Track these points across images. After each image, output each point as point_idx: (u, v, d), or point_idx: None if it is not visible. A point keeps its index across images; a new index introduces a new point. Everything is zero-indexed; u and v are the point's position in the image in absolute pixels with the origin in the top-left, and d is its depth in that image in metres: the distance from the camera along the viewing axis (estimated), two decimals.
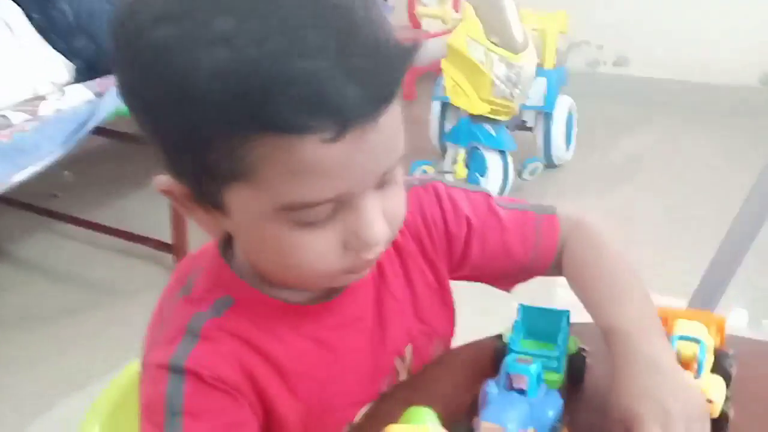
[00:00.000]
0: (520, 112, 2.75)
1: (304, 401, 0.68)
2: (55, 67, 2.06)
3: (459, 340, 0.83)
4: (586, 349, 0.74)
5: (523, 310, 0.75)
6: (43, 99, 1.92)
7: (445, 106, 2.88)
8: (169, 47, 0.53)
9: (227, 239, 0.69)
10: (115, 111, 1.91)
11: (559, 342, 0.71)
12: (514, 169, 2.65)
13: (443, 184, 0.78)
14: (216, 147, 0.54)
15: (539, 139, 2.89)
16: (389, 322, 0.74)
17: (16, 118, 1.82)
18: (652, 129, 3.34)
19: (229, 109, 0.52)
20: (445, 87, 2.59)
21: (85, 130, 1.88)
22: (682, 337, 0.69)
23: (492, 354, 0.75)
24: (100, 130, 2.02)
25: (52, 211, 2.53)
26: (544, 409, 0.64)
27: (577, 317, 0.74)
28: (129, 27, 0.56)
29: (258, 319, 0.66)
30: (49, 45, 2.09)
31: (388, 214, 0.61)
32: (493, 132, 2.56)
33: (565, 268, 0.78)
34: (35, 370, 1.90)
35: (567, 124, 2.91)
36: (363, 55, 0.53)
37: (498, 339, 0.76)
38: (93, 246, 2.44)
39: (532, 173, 2.77)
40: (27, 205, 2.52)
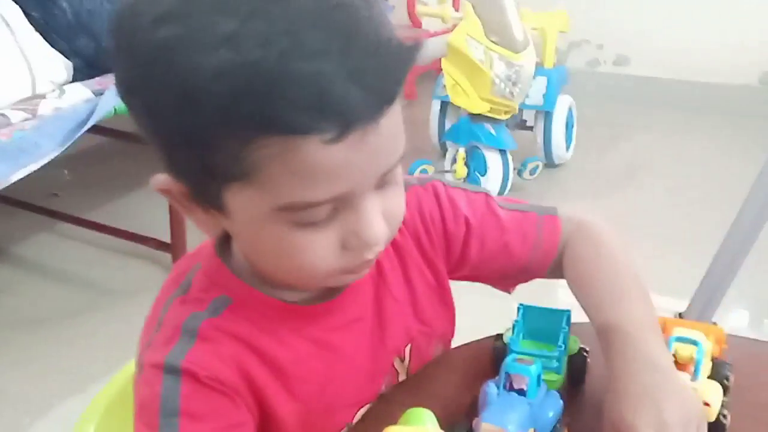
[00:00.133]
0: (520, 111, 2.75)
1: (302, 402, 0.68)
2: (54, 65, 2.05)
3: (459, 340, 0.83)
4: (587, 349, 0.74)
5: (523, 309, 0.74)
6: (42, 98, 1.92)
7: (445, 105, 2.88)
8: (172, 47, 0.53)
9: (225, 238, 0.69)
10: (114, 109, 1.91)
11: (559, 342, 0.71)
12: (514, 169, 2.64)
13: (443, 183, 0.78)
14: (217, 147, 0.54)
15: (539, 138, 2.89)
16: (389, 322, 0.74)
17: (16, 116, 1.82)
18: (652, 128, 3.33)
19: (231, 109, 0.52)
20: (445, 86, 2.59)
21: (85, 129, 1.88)
22: (679, 339, 0.69)
23: (492, 354, 0.75)
24: (99, 129, 2.01)
25: (52, 210, 2.53)
26: (544, 410, 0.64)
27: (577, 317, 0.74)
28: (130, 26, 0.56)
29: (256, 319, 0.66)
30: (49, 44, 2.08)
31: (387, 214, 0.61)
32: (493, 131, 2.56)
33: (565, 267, 0.78)
34: (34, 370, 1.89)
35: (567, 123, 2.91)
36: (365, 56, 0.53)
37: (498, 339, 0.76)
38: (92, 245, 2.43)
39: (532, 172, 2.77)
40: (26, 204, 2.52)
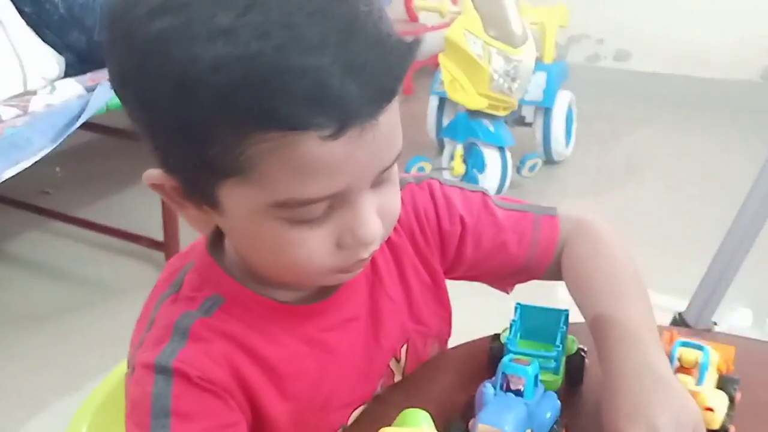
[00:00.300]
0: (519, 107, 2.74)
1: (295, 402, 0.67)
2: (46, 61, 2.04)
3: (455, 340, 0.82)
4: (585, 349, 0.73)
5: (520, 309, 0.74)
6: (33, 94, 1.90)
7: (442, 100, 2.87)
8: (168, 38, 0.52)
9: (217, 236, 0.68)
10: (106, 105, 1.90)
11: (557, 342, 0.70)
12: (513, 165, 2.63)
13: (438, 181, 0.78)
14: (213, 141, 0.53)
15: (538, 134, 2.88)
16: (384, 322, 0.73)
17: (7, 113, 1.81)
18: (653, 124, 3.33)
19: (228, 102, 0.51)
20: (442, 81, 2.58)
21: (76, 125, 1.87)
22: (684, 343, 0.68)
23: (489, 354, 0.74)
24: (91, 126, 2.01)
25: (44, 208, 2.52)
26: (541, 411, 0.64)
27: (575, 317, 0.73)
28: (125, 18, 0.55)
29: (248, 318, 0.65)
30: (40, 38, 2.07)
31: (382, 212, 0.60)
32: (491, 127, 2.55)
33: (563, 267, 0.77)
34: (27, 367, 1.89)
35: (567, 119, 2.90)
36: (364, 51, 0.53)
37: (495, 339, 0.75)
38: (84, 243, 2.43)
39: (531, 169, 2.76)
40: (18, 202, 2.51)
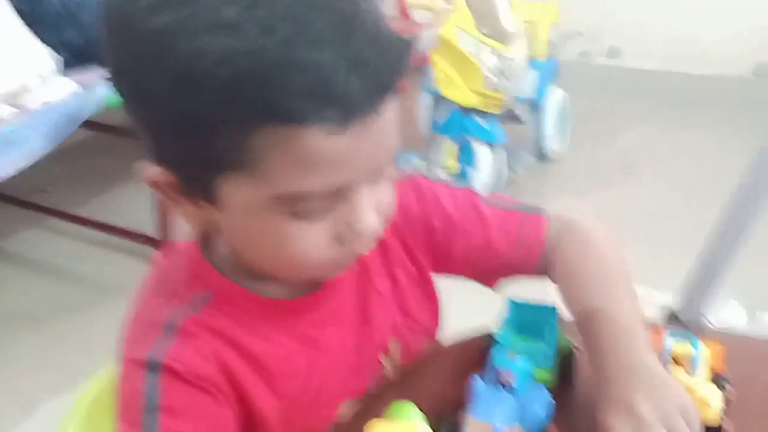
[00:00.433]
0: (512, 104, 2.74)
1: (285, 397, 0.67)
2: (42, 58, 2.03)
3: (447, 335, 0.82)
4: (576, 345, 0.73)
5: (512, 305, 0.74)
6: (30, 91, 1.90)
7: (435, 97, 2.86)
8: (171, 33, 0.52)
9: (206, 233, 0.68)
10: (103, 103, 1.89)
11: (548, 338, 0.71)
12: (505, 162, 2.63)
13: (426, 178, 0.78)
14: (216, 136, 0.54)
15: (530, 131, 2.88)
16: (373, 317, 0.73)
17: (3, 111, 1.80)
18: (646, 121, 3.33)
19: (233, 97, 0.51)
20: (435, 78, 2.58)
21: (75, 124, 1.86)
22: (674, 333, 0.68)
23: (480, 349, 0.74)
24: (88, 123, 1.99)
25: (41, 205, 2.51)
26: (531, 406, 0.64)
27: (567, 313, 0.73)
28: (125, 12, 0.55)
29: (237, 314, 0.66)
30: (37, 36, 2.06)
31: (379, 207, 0.61)
32: (483, 124, 2.55)
33: (554, 267, 0.77)
34: (24, 366, 1.88)
35: (559, 116, 2.90)
36: (366, 47, 0.53)
37: (486, 334, 0.75)
38: (82, 241, 2.41)
39: (523, 166, 2.76)
40: (15, 199, 2.50)
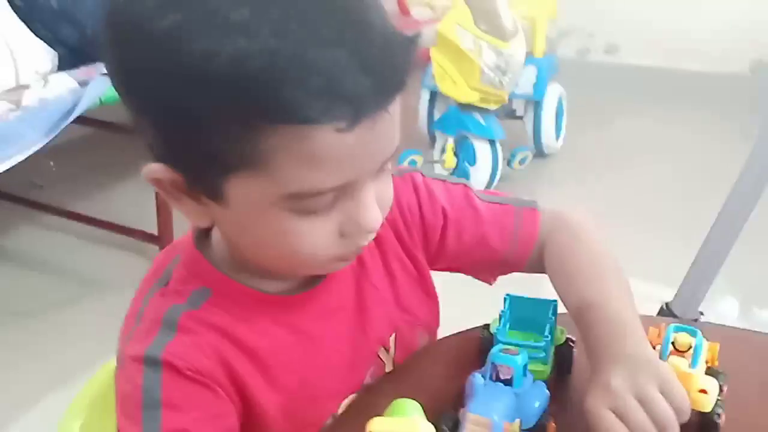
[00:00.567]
0: (510, 100, 2.74)
1: (284, 392, 0.68)
2: (38, 55, 2.02)
3: (445, 331, 0.83)
4: (574, 339, 0.73)
5: (509, 300, 0.74)
6: (26, 88, 1.89)
7: (433, 94, 2.86)
8: (182, 33, 0.52)
9: (203, 230, 0.68)
10: (99, 100, 1.89)
11: (546, 332, 0.71)
12: (504, 158, 2.64)
13: (421, 174, 0.79)
14: (227, 135, 0.54)
15: (529, 127, 2.88)
16: (370, 311, 0.74)
17: (0, 107, 1.80)
18: (643, 117, 3.33)
19: (245, 98, 0.52)
20: (433, 75, 2.58)
21: (70, 119, 1.86)
22: (677, 328, 0.68)
23: (478, 345, 0.75)
24: (84, 120, 1.99)
25: (36, 202, 2.51)
26: (530, 401, 0.64)
27: (564, 307, 0.73)
28: (132, 12, 0.55)
29: (236, 310, 0.66)
30: (32, 32, 2.06)
31: (379, 201, 0.62)
32: (482, 121, 2.55)
33: (545, 260, 0.78)
34: (19, 363, 1.88)
35: (557, 112, 2.91)
36: (376, 46, 0.54)
37: (484, 329, 0.75)
38: (77, 237, 2.41)
39: (521, 162, 2.76)
40: (9, 195, 2.50)
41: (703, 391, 0.64)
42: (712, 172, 2.62)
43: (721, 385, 0.67)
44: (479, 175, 2.53)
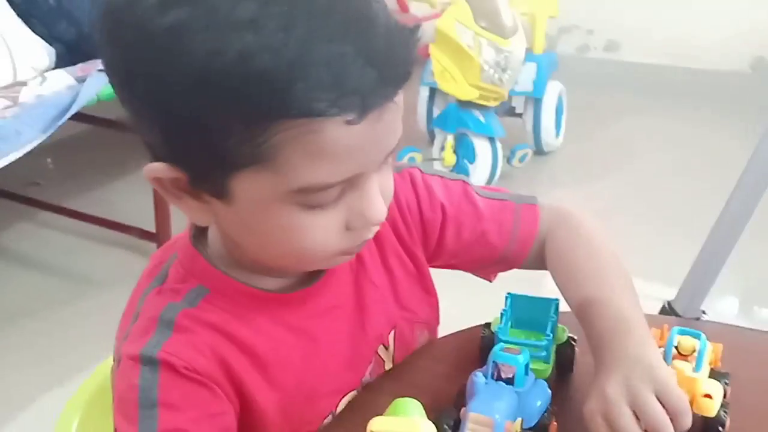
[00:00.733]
0: (509, 97, 2.74)
1: (282, 390, 0.67)
2: (36, 51, 2.02)
3: (446, 330, 0.82)
4: (575, 338, 0.73)
5: (511, 298, 0.74)
6: (24, 85, 1.89)
7: (433, 91, 2.86)
8: (187, 30, 0.52)
9: (199, 228, 0.68)
10: (97, 97, 1.89)
11: (547, 331, 0.71)
12: (503, 156, 2.63)
13: (419, 170, 0.78)
14: (234, 132, 0.53)
15: (528, 125, 2.88)
16: (369, 309, 0.73)
17: None
18: (642, 114, 3.33)
19: (252, 93, 0.51)
20: (433, 72, 2.57)
21: (67, 116, 1.86)
22: (681, 331, 0.68)
23: (480, 343, 0.75)
24: (82, 117, 1.99)
25: (34, 199, 2.50)
26: (532, 400, 0.64)
27: (565, 306, 0.73)
28: (132, 10, 0.54)
29: (233, 308, 0.65)
30: (30, 29, 2.05)
31: (382, 193, 0.62)
32: (481, 118, 2.54)
33: (546, 257, 0.78)
34: (16, 361, 1.87)
35: (557, 109, 2.90)
36: (381, 38, 0.54)
37: (486, 328, 0.75)
38: (75, 235, 2.41)
39: (521, 160, 2.76)
40: (8, 193, 2.49)
41: (708, 396, 0.63)
42: (713, 170, 2.63)
43: (725, 388, 0.67)
44: (479, 172, 2.52)
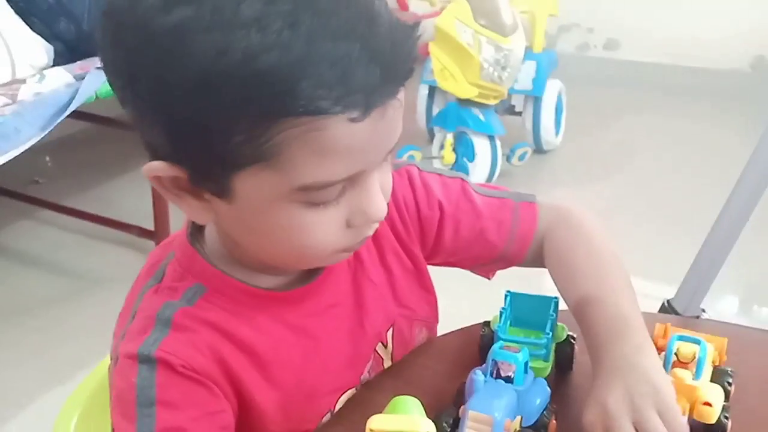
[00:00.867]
0: (509, 96, 2.73)
1: (281, 389, 0.67)
2: (34, 49, 2.02)
3: (446, 328, 0.82)
4: (575, 336, 0.73)
5: (510, 297, 0.74)
6: (22, 82, 1.89)
7: (432, 89, 2.86)
8: (191, 29, 0.51)
9: (197, 226, 0.68)
10: (95, 94, 1.89)
11: (546, 329, 0.71)
12: (503, 154, 2.63)
13: (417, 168, 0.78)
14: (238, 130, 0.53)
15: (528, 123, 2.87)
16: (368, 306, 0.73)
17: None
18: (642, 113, 3.33)
19: (258, 92, 0.51)
20: (432, 70, 2.57)
21: (66, 114, 1.85)
22: (681, 337, 0.68)
23: (479, 342, 0.74)
24: (81, 114, 1.99)
25: (33, 197, 2.50)
26: (531, 398, 0.64)
27: (565, 304, 0.73)
28: (134, 9, 0.54)
29: (232, 306, 0.65)
30: (29, 27, 2.05)
31: (382, 190, 0.62)
32: (481, 116, 2.54)
33: (545, 255, 0.77)
34: (15, 361, 1.87)
35: (556, 108, 2.90)
36: (384, 36, 0.54)
37: (485, 326, 0.75)
38: (74, 233, 2.41)
39: (520, 158, 2.76)
40: (7, 191, 2.49)
41: (708, 404, 0.63)
42: (712, 169, 2.63)
43: (728, 388, 0.66)
44: (478, 171, 2.52)
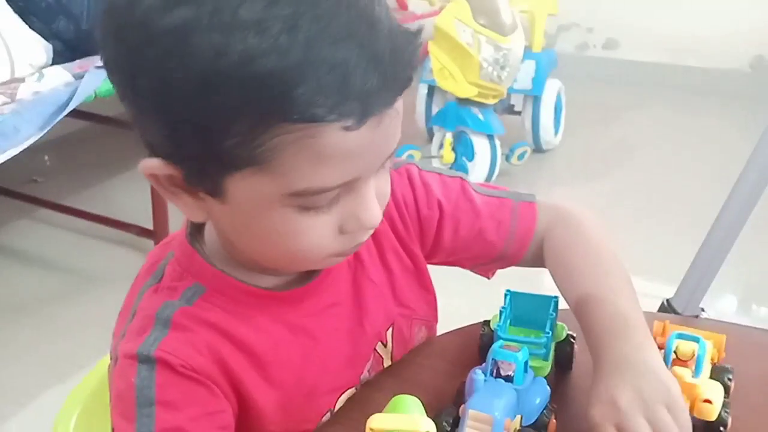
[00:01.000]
0: (508, 95, 2.74)
1: (281, 388, 0.67)
2: (33, 48, 2.02)
3: (445, 327, 0.82)
4: (574, 335, 0.73)
5: (510, 296, 0.74)
6: (21, 81, 1.88)
7: (431, 89, 2.86)
8: (191, 30, 0.51)
9: (196, 226, 0.68)
10: (94, 93, 1.89)
11: (546, 329, 0.71)
12: (502, 154, 2.63)
13: (417, 167, 0.78)
14: (234, 133, 0.53)
15: (527, 122, 2.87)
16: (367, 306, 0.73)
17: None
18: (641, 112, 3.33)
19: (255, 96, 0.51)
20: (431, 70, 2.57)
21: (65, 113, 1.85)
22: (680, 335, 0.68)
23: (479, 341, 0.74)
24: (80, 113, 1.99)
25: (32, 196, 2.50)
26: (531, 397, 0.64)
27: (565, 303, 0.73)
28: (135, 9, 0.54)
29: (231, 306, 0.65)
30: (28, 26, 2.05)
31: (378, 197, 0.61)
32: (480, 116, 2.54)
33: (545, 255, 0.77)
34: (14, 360, 1.87)
35: (555, 107, 2.90)
36: (383, 43, 0.54)
37: (485, 325, 0.75)
38: (73, 232, 2.41)
39: (520, 158, 2.76)
40: (5, 190, 2.49)
41: (708, 401, 0.63)
42: (712, 168, 2.63)
43: (728, 385, 0.66)
44: (477, 170, 2.52)
